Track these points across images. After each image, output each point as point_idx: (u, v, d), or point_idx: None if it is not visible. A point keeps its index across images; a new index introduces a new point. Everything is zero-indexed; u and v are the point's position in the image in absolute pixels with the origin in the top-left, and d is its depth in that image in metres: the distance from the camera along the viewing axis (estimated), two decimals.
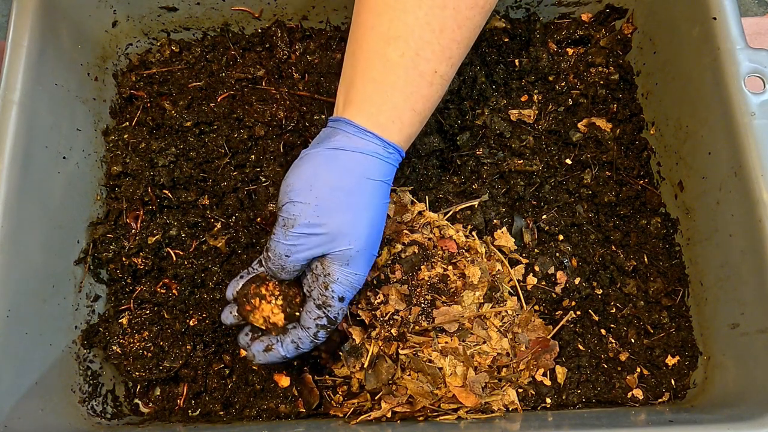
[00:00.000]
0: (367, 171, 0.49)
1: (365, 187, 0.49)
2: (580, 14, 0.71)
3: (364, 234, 0.49)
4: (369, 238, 0.50)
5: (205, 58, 0.70)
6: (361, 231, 0.49)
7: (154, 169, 0.64)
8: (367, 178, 0.49)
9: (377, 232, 0.51)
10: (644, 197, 0.65)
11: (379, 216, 0.50)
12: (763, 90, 0.52)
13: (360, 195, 0.49)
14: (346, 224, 0.48)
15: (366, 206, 0.49)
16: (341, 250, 0.49)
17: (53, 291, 0.56)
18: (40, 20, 0.56)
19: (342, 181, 0.48)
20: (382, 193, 0.50)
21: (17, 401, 0.50)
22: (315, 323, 0.51)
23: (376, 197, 0.50)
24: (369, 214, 0.49)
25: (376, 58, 0.48)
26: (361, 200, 0.49)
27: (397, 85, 0.48)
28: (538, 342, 0.58)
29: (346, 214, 0.48)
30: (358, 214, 0.49)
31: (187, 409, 0.59)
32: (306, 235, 0.48)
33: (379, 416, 0.54)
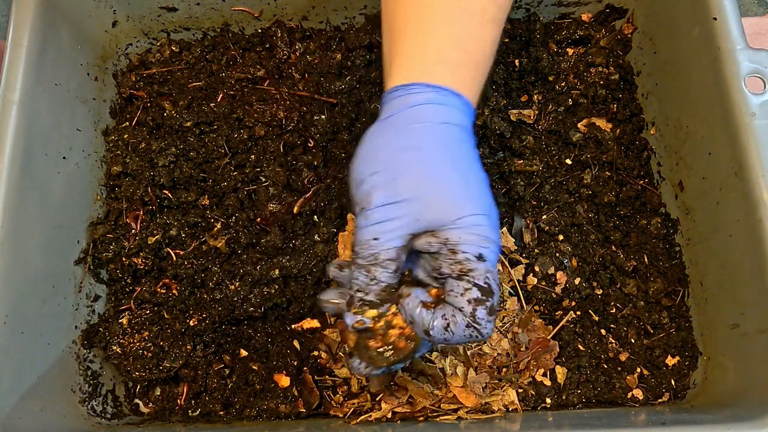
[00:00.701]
0: (429, 119, 0.42)
1: (435, 136, 0.42)
2: (580, 14, 0.71)
3: (458, 187, 0.41)
4: (467, 190, 0.42)
5: (205, 58, 0.70)
6: (451, 186, 0.41)
7: (154, 169, 0.64)
8: (433, 124, 0.42)
9: (476, 181, 0.43)
10: (644, 197, 0.65)
11: (466, 162, 0.43)
12: (763, 90, 0.52)
13: (432, 147, 0.42)
14: (430, 182, 0.41)
15: (443, 156, 0.42)
16: (440, 212, 0.41)
17: (53, 291, 0.56)
18: (40, 20, 0.56)
19: (406, 140, 0.42)
20: (459, 138, 0.43)
21: (17, 401, 0.50)
22: (465, 299, 0.40)
23: (452, 143, 0.42)
24: (451, 162, 0.42)
25: (414, 6, 0.44)
26: (435, 151, 0.42)
27: (438, 27, 0.43)
28: (538, 342, 0.58)
29: (423, 172, 0.41)
30: (438, 167, 0.41)
31: (187, 409, 0.59)
32: (389, 206, 0.41)
33: (380, 416, 0.54)
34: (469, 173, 0.43)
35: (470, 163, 0.43)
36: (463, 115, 0.44)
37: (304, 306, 0.60)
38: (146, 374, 0.59)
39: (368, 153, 0.43)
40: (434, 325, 0.41)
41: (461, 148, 0.43)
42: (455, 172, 0.42)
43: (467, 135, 0.44)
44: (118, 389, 0.60)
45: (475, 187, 0.43)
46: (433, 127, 0.42)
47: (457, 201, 0.41)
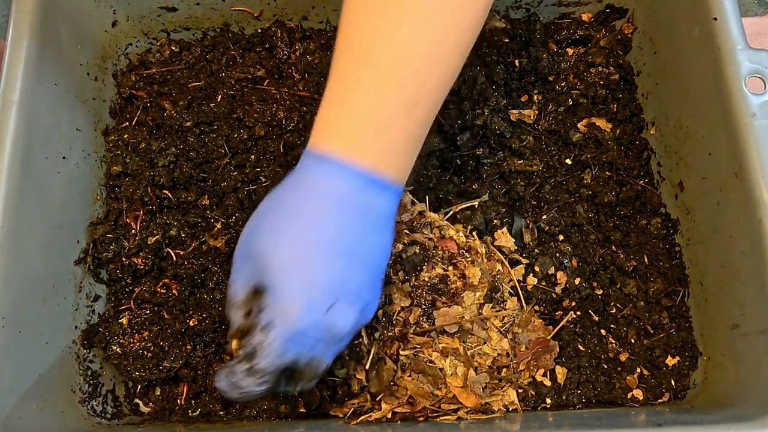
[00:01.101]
0: (341, 206, 0.43)
1: (328, 232, 0.43)
2: (580, 14, 0.71)
3: (312, 277, 0.43)
4: (317, 280, 0.43)
5: (205, 58, 0.70)
6: (309, 270, 0.43)
7: (154, 169, 0.64)
8: (336, 222, 0.43)
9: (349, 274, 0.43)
10: (644, 197, 0.65)
11: (348, 257, 0.43)
12: (763, 90, 0.52)
13: (322, 235, 0.43)
14: (291, 262, 0.43)
15: (323, 245, 0.43)
16: (277, 294, 0.43)
17: (53, 291, 0.56)
18: (40, 20, 0.56)
19: (301, 215, 0.44)
20: (351, 227, 0.43)
21: (17, 401, 0.50)
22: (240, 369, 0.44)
23: (337, 234, 0.43)
24: (319, 264, 0.43)
25: (350, 79, 0.44)
26: (316, 251, 0.43)
27: (375, 108, 0.43)
28: (538, 342, 0.58)
29: (306, 255, 0.43)
30: (321, 258, 0.43)
31: (187, 409, 0.59)
32: (246, 263, 0.45)
33: (380, 417, 0.54)
34: (324, 273, 0.43)
35: (360, 271, 0.44)
36: (386, 201, 0.44)
37: None
38: (146, 374, 0.59)
39: (274, 211, 0.44)
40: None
41: (360, 253, 0.43)
42: (311, 271, 0.42)
43: (373, 232, 0.44)
44: (118, 389, 0.60)
45: (318, 287, 0.43)
46: (339, 226, 0.42)
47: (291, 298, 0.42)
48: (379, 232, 0.45)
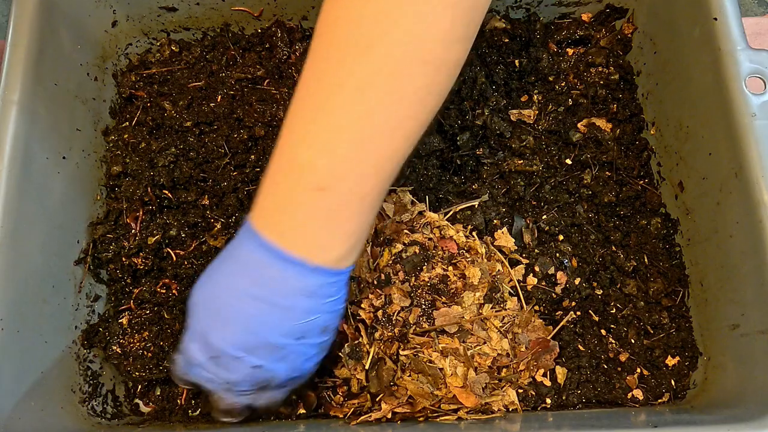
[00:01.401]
0: (285, 293, 0.45)
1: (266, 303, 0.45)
2: (580, 14, 0.71)
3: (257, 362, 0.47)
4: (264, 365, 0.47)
5: (205, 58, 0.70)
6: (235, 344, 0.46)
7: (154, 169, 0.64)
8: (273, 292, 0.45)
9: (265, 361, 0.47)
10: (644, 197, 0.65)
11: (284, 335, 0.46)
12: (763, 91, 0.52)
13: (260, 313, 0.46)
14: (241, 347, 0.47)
15: (265, 324, 0.46)
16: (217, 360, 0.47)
17: (53, 291, 0.56)
18: (40, 20, 0.56)
19: (241, 295, 0.46)
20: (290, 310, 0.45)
21: (17, 401, 0.50)
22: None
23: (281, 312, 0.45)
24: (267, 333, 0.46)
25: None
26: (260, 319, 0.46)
27: (316, 200, 0.42)
28: (538, 342, 0.58)
29: (243, 334, 0.46)
30: (257, 335, 0.46)
31: (187, 409, 0.59)
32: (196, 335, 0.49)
33: (380, 417, 0.54)
34: (276, 361, 0.47)
35: (296, 349, 0.47)
36: (306, 279, 0.44)
37: None
38: (146, 374, 0.59)
39: (216, 287, 0.47)
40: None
41: (297, 332, 0.46)
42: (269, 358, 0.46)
43: (314, 311, 0.45)
44: (118, 389, 0.60)
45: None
46: (280, 309, 0.44)
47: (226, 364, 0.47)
48: (287, 304, 0.45)
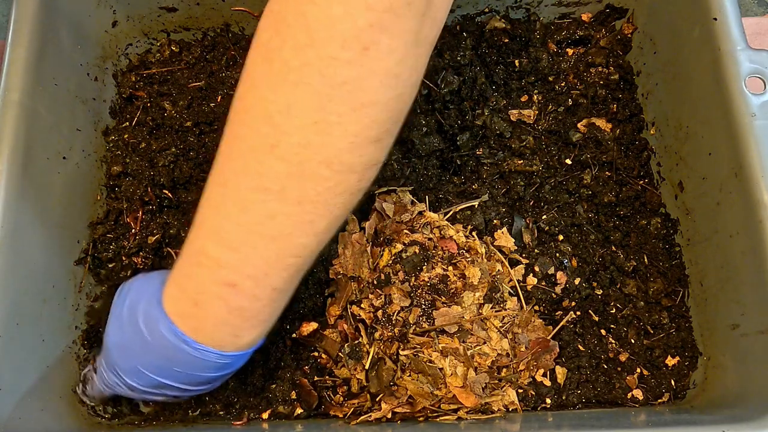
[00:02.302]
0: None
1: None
2: (580, 14, 0.71)
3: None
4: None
5: (205, 58, 0.70)
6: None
7: (154, 169, 0.64)
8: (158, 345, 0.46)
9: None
10: (644, 197, 0.65)
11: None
12: (763, 91, 0.52)
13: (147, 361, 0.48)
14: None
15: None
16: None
17: (53, 291, 0.56)
18: (40, 20, 0.56)
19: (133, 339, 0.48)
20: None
21: (17, 401, 0.50)
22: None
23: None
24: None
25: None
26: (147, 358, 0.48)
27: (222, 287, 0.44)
28: (538, 342, 0.58)
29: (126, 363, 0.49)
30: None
31: (187, 409, 0.59)
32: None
33: (380, 417, 0.54)
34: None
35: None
36: (240, 361, 0.49)
37: (305, 306, 0.60)
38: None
39: (121, 324, 0.48)
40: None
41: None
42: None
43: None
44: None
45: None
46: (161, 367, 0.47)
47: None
48: (196, 377, 0.48)
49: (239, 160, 0.41)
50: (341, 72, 0.36)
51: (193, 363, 0.46)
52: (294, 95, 0.37)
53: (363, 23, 0.35)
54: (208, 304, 0.44)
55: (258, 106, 0.39)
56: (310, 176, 0.39)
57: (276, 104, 0.38)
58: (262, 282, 0.43)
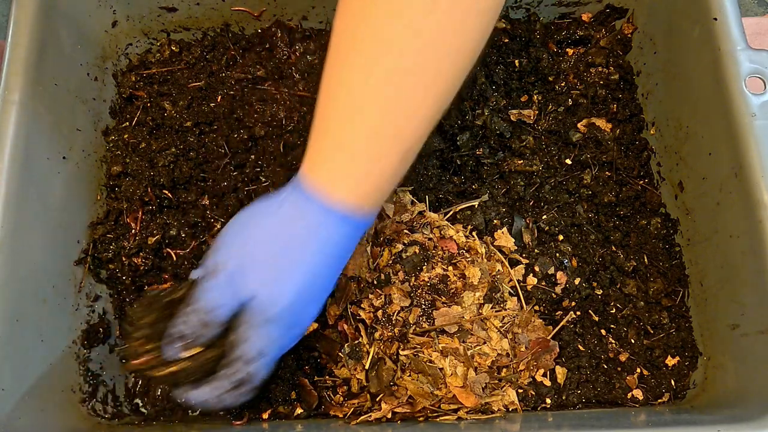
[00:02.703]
0: (320, 239, 0.45)
1: (309, 260, 0.45)
2: (580, 14, 0.71)
3: (293, 298, 0.45)
4: (297, 302, 0.46)
5: (205, 58, 0.70)
6: (288, 292, 0.45)
7: (154, 169, 0.64)
8: (317, 249, 0.45)
9: (311, 297, 0.47)
10: (644, 197, 0.65)
11: (316, 291, 0.47)
12: (763, 91, 0.52)
13: (302, 266, 0.45)
14: (274, 289, 0.45)
15: (302, 278, 0.45)
16: (260, 308, 0.45)
17: (53, 291, 0.56)
18: (40, 20, 0.56)
19: (284, 247, 0.45)
20: (329, 263, 0.46)
21: (17, 401, 0.50)
22: (228, 381, 0.47)
23: (318, 270, 0.46)
24: (301, 285, 0.46)
25: (344, 103, 0.45)
26: (300, 269, 0.45)
27: (362, 144, 0.44)
28: (538, 342, 0.58)
29: (276, 272, 0.45)
30: (289, 284, 0.45)
31: (187, 409, 0.59)
32: (235, 284, 0.45)
33: (380, 417, 0.54)
34: (300, 294, 0.46)
35: (319, 292, 0.47)
36: (352, 240, 0.47)
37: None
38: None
39: (249, 225, 0.47)
40: (208, 400, 0.47)
41: (323, 276, 0.47)
42: (293, 293, 0.45)
43: (339, 261, 0.47)
44: (118, 389, 0.60)
45: (308, 308, 0.47)
46: (314, 253, 0.45)
47: (271, 315, 0.45)
48: (337, 259, 0.47)
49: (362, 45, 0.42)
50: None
51: (327, 233, 0.45)
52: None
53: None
54: (340, 164, 0.44)
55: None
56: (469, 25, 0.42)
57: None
58: (391, 143, 0.44)
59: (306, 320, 0.48)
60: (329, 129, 0.45)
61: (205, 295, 0.45)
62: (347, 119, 0.44)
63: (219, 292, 0.45)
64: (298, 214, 0.45)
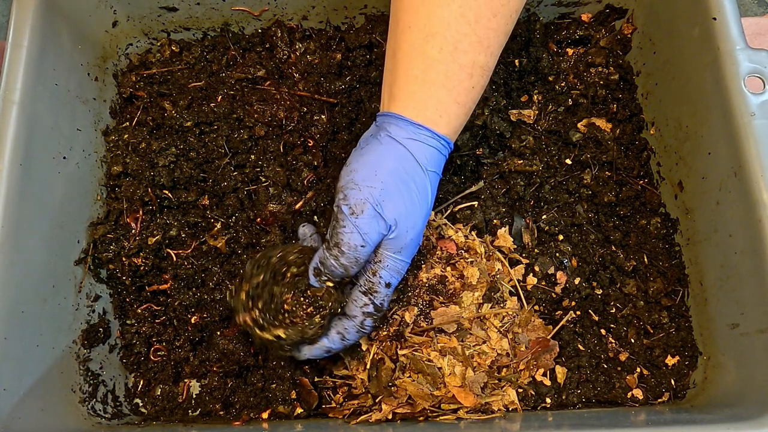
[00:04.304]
0: (425, 161, 0.50)
1: (423, 176, 0.50)
2: (580, 14, 0.71)
3: (419, 222, 0.50)
4: (421, 227, 0.51)
5: (205, 58, 0.70)
6: (416, 219, 0.50)
7: (154, 169, 0.64)
8: (426, 167, 0.50)
9: (426, 221, 0.51)
10: (644, 197, 0.65)
11: (430, 206, 0.51)
12: (762, 90, 0.52)
13: (419, 184, 0.49)
14: (406, 211, 0.49)
15: (423, 195, 0.50)
16: (398, 237, 0.49)
17: (53, 291, 0.56)
18: (40, 20, 0.56)
19: (404, 169, 0.49)
20: (435, 184, 0.51)
21: (17, 401, 0.50)
22: (362, 311, 0.51)
23: (431, 187, 0.50)
24: (425, 203, 0.50)
25: (416, 55, 0.49)
26: (419, 189, 0.49)
27: (438, 81, 0.49)
28: (538, 342, 0.58)
29: (407, 201, 0.49)
30: (416, 203, 0.49)
31: (187, 409, 0.59)
32: (376, 221, 0.48)
33: (380, 417, 0.54)
34: (424, 219, 0.51)
35: (428, 210, 0.51)
36: (443, 163, 0.52)
37: None
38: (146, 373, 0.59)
39: (368, 165, 0.49)
40: (333, 340, 0.53)
41: (432, 195, 0.51)
42: (424, 217, 0.51)
43: (438, 181, 0.52)
44: (118, 389, 0.60)
45: (419, 232, 0.51)
46: (425, 172, 0.50)
47: (411, 240, 0.50)
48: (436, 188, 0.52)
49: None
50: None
51: (430, 156, 0.50)
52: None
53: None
54: (427, 90, 0.49)
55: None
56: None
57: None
58: (470, 77, 0.49)
59: (418, 247, 0.52)
60: (406, 72, 0.50)
61: (356, 231, 0.48)
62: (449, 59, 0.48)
63: (369, 227, 0.48)
64: (415, 139, 0.49)
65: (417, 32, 0.49)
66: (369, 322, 0.52)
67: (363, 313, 0.51)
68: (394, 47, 0.51)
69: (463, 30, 0.48)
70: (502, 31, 0.50)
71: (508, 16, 0.50)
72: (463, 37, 0.48)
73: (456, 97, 0.50)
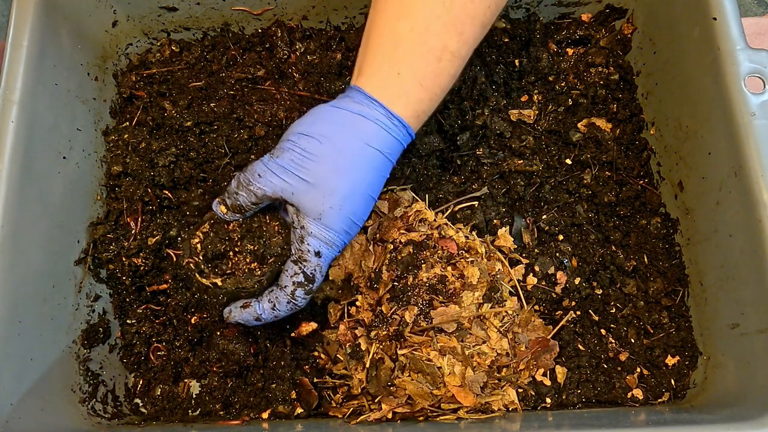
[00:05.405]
0: (365, 136, 0.49)
1: (359, 150, 0.49)
2: (580, 14, 0.71)
3: (343, 193, 0.49)
4: (348, 200, 0.49)
5: (205, 58, 0.70)
6: (339, 188, 0.49)
7: (154, 169, 0.64)
8: (365, 142, 0.49)
9: (361, 199, 0.50)
10: (644, 197, 0.65)
11: (366, 183, 0.50)
12: (763, 90, 0.52)
13: (351, 155, 0.49)
14: (327, 177, 0.49)
15: (353, 168, 0.49)
16: (314, 202, 0.49)
17: (53, 291, 0.56)
18: (40, 20, 0.56)
19: (337, 137, 0.49)
20: (376, 164, 0.50)
21: (17, 401, 0.50)
22: (292, 280, 0.51)
23: (367, 164, 0.50)
24: (354, 176, 0.49)
25: (388, 32, 0.49)
26: (350, 160, 0.49)
27: (405, 60, 0.49)
28: (538, 342, 0.58)
29: (328, 165, 0.49)
30: (342, 172, 0.49)
31: (187, 409, 0.59)
32: (289, 171, 0.49)
33: (379, 417, 0.54)
34: (364, 200, 0.51)
35: (369, 192, 0.51)
36: (397, 148, 0.51)
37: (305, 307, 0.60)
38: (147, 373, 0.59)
39: (312, 121, 0.50)
40: (264, 308, 0.52)
41: (375, 177, 0.51)
42: (352, 190, 0.50)
43: (389, 166, 0.51)
44: (118, 389, 0.60)
45: (359, 212, 0.51)
46: (367, 149, 0.49)
47: (331, 209, 0.49)
48: (385, 168, 0.52)
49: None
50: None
51: (385, 135, 0.50)
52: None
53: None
54: (399, 75, 0.49)
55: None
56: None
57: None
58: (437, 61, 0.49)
59: (354, 224, 0.51)
60: (375, 48, 0.50)
61: (262, 162, 0.50)
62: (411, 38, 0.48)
63: (277, 167, 0.49)
64: (362, 113, 0.49)
65: (392, 10, 0.49)
66: (300, 293, 0.51)
67: (293, 282, 0.51)
68: (370, 23, 0.51)
69: (436, 11, 0.48)
70: (478, 20, 0.50)
71: (486, 6, 0.49)
72: (436, 19, 0.48)
73: (421, 79, 0.49)
